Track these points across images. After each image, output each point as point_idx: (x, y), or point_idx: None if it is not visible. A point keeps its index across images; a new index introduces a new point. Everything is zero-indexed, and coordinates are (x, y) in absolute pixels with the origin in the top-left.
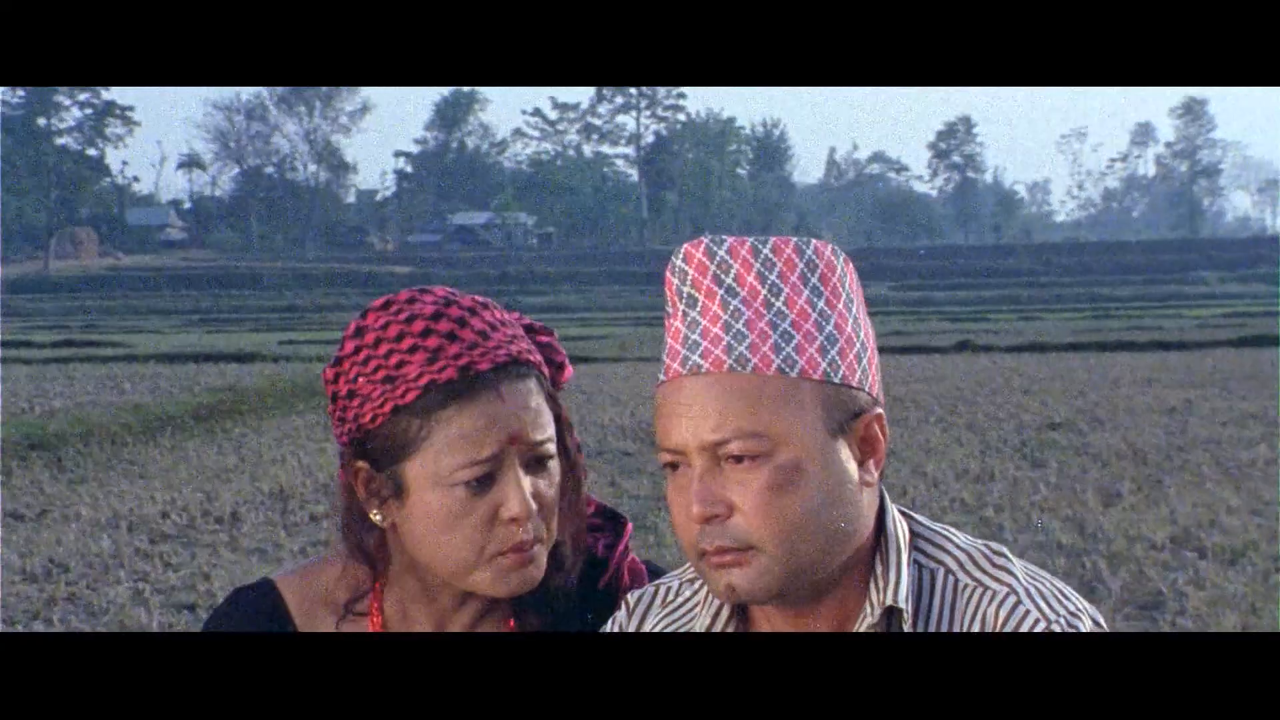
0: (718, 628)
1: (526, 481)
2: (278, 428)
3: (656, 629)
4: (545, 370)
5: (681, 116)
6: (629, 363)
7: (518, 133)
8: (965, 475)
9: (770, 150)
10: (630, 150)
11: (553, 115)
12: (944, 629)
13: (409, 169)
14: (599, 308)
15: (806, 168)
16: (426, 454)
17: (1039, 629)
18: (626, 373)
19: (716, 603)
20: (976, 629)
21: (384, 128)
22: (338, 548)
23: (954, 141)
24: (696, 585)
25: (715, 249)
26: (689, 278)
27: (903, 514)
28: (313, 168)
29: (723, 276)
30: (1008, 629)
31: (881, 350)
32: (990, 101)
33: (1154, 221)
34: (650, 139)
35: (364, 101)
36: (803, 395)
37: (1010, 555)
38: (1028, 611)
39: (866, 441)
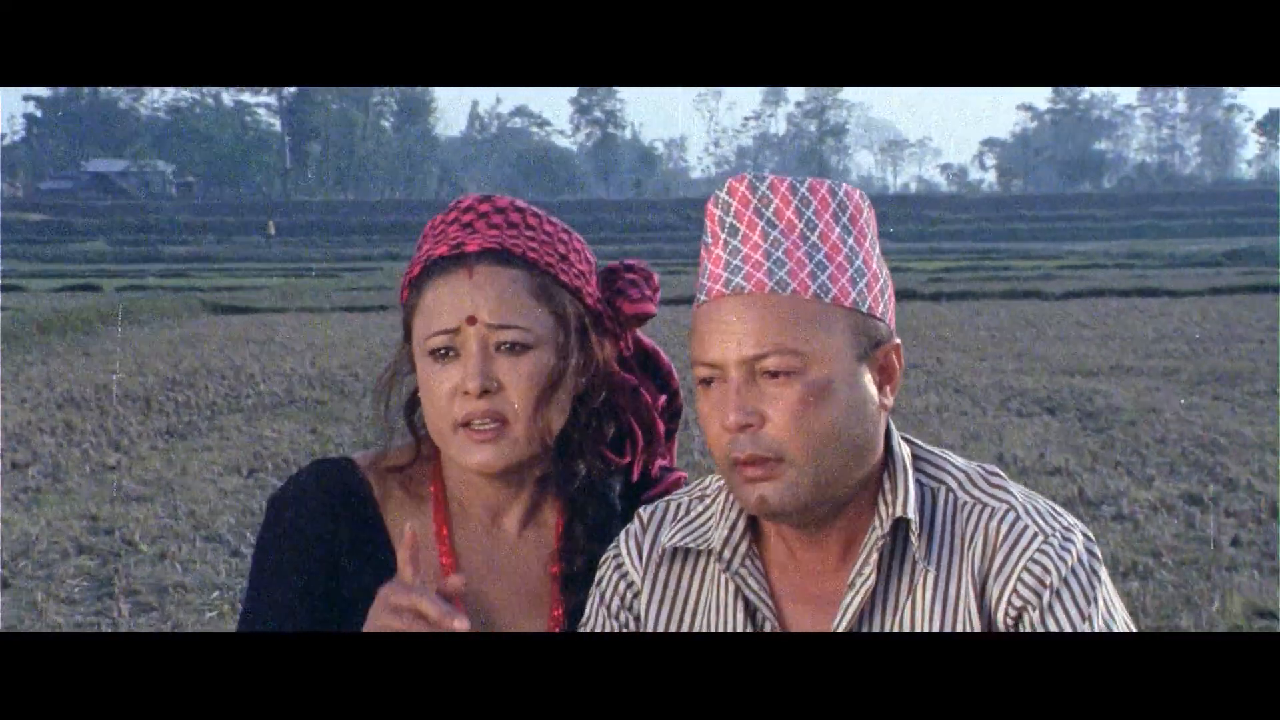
0: (734, 540)
1: (499, 363)
2: None
3: (674, 540)
4: (578, 286)
5: None
6: (293, 313)
7: None
8: None
9: (414, 103)
10: (273, 100)
11: None
12: (947, 542)
13: (39, 113)
14: (244, 258)
15: (451, 121)
16: (416, 324)
17: (1037, 542)
18: (294, 323)
19: (732, 516)
20: (979, 542)
21: None
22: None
23: (595, 98)
24: (708, 502)
25: (758, 184)
26: (732, 209)
27: (904, 439)
28: None
29: (763, 209)
30: (1008, 542)
31: None
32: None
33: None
34: (293, 89)
35: None
36: (834, 320)
37: (1004, 475)
38: (1026, 526)
39: (885, 369)
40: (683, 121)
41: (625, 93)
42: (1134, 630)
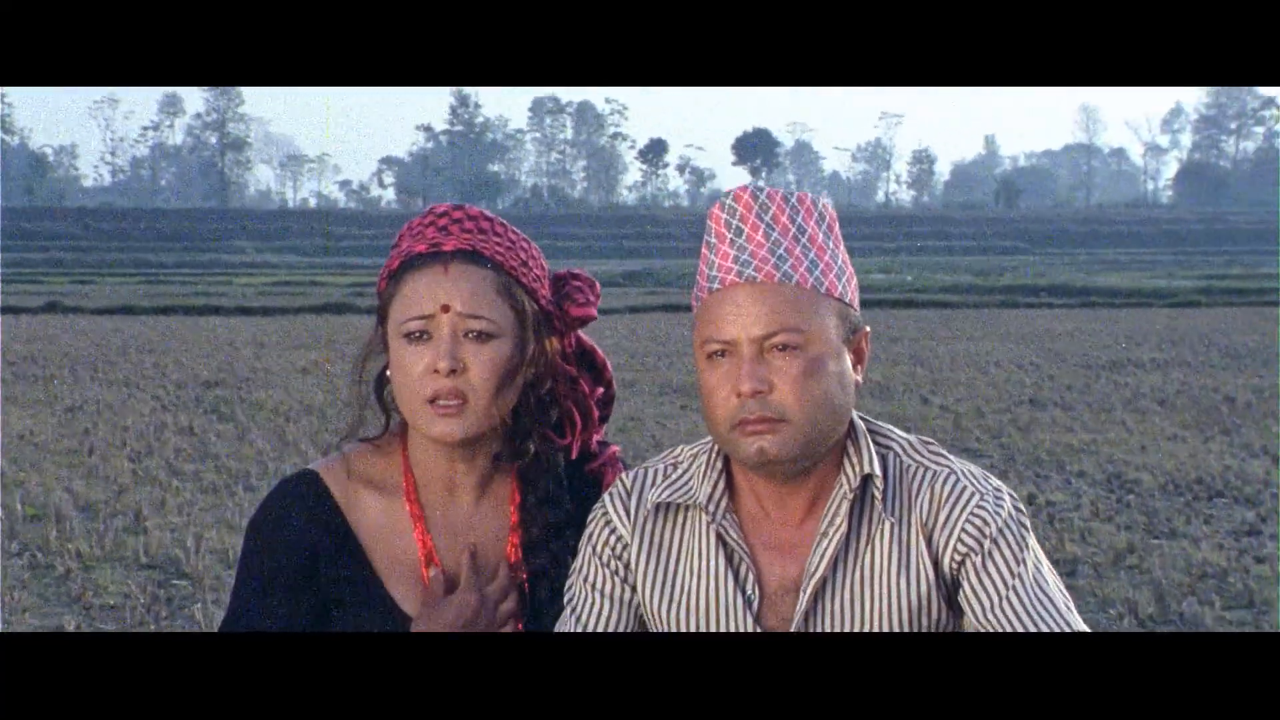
0: (716, 496)
1: (465, 348)
2: None
3: (661, 497)
4: (534, 288)
5: None
6: None
7: None
8: (167, 429)
9: None
10: None
11: None
12: (898, 498)
13: None
14: None
15: None
16: (393, 310)
17: (975, 499)
18: None
19: (713, 477)
20: (925, 499)
21: None
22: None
23: None
24: (683, 467)
25: (758, 194)
26: (737, 213)
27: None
28: None
29: (763, 214)
30: (950, 499)
31: None
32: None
33: (181, 191)
34: None
35: None
36: (827, 307)
37: (938, 444)
38: (965, 486)
39: (858, 351)
40: (76, 129)
41: (15, 96)
42: (1057, 576)
